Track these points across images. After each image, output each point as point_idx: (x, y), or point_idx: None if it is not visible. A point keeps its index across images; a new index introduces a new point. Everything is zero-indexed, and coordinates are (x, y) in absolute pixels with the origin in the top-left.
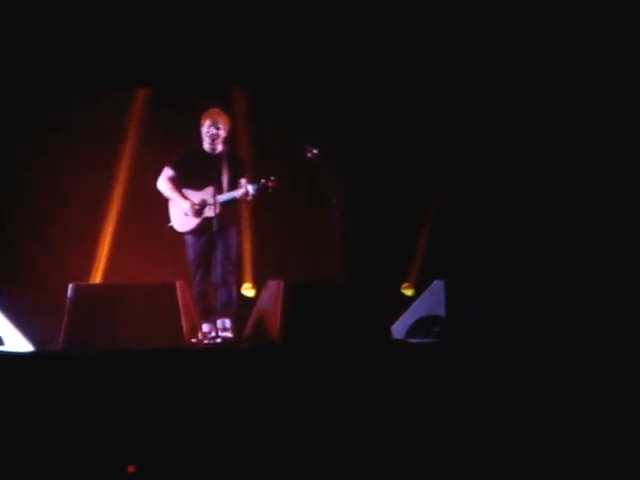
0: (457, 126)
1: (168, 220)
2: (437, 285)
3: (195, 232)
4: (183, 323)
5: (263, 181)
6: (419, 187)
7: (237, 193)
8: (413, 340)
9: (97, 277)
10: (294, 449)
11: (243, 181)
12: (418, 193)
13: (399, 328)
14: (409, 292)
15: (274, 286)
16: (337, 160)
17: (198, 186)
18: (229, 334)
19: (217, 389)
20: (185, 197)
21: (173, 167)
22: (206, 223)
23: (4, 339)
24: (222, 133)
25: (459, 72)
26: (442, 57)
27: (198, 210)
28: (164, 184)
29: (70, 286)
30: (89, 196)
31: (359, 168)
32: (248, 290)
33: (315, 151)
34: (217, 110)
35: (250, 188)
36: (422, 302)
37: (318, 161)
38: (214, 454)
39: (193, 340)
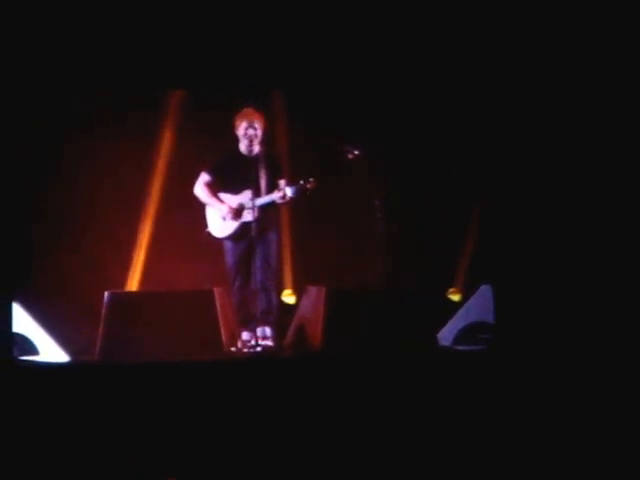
0: (505, 125)
1: (205, 226)
2: (484, 290)
3: (234, 237)
4: (222, 331)
5: (302, 183)
6: (465, 189)
7: (275, 196)
8: (460, 347)
9: (133, 285)
10: (340, 458)
11: (282, 183)
12: (464, 195)
13: (446, 335)
14: (456, 297)
15: (315, 292)
16: (379, 161)
17: (236, 190)
18: (269, 342)
19: (258, 400)
20: (222, 202)
21: (209, 172)
22: (245, 228)
23: (40, 349)
24: (259, 133)
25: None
26: (486, 58)
27: (235, 214)
28: (201, 189)
29: (106, 294)
30: (125, 203)
31: (402, 169)
32: (288, 297)
33: (356, 152)
34: (251, 110)
35: (288, 190)
36: (469, 308)
37: (359, 162)
38: (258, 466)
39: (232, 349)
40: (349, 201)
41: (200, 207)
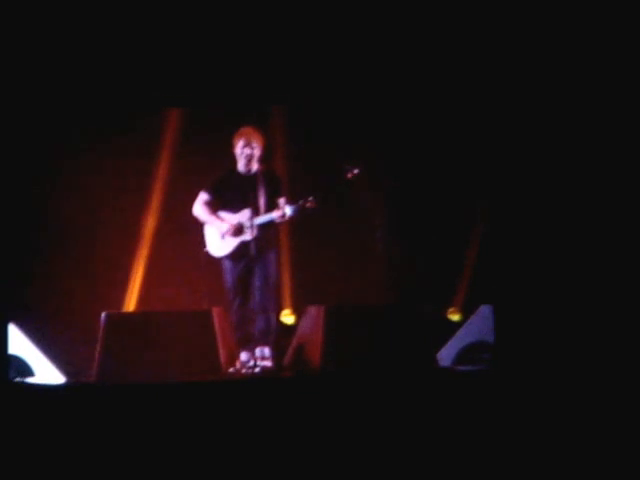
0: (506, 147)
1: (204, 245)
2: (484, 310)
3: (232, 256)
4: (220, 352)
5: (301, 202)
6: (465, 208)
7: (274, 215)
8: (461, 368)
9: (131, 305)
10: (341, 478)
11: (281, 201)
12: (464, 214)
13: (446, 355)
14: (455, 317)
15: (315, 312)
16: (379, 180)
17: (235, 209)
18: (268, 363)
19: (257, 421)
20: (221, 219)
21: (208, 191)
22: (243, 247)
23: (35, 370)
24: (257, 152)
25: (509, 93)
26: (491, 77)
27: (235, 232)
28: (200, 209)
29: (103, 315)
30: (122, 223)
31: (402, 188)
32: (288, 317)
33: (356, 171)
34: (249, 129)
35: (288, 209)
36: (469, 328)
37: (359, 181)
38: None
39: (231, 369)
40: (349, 220)
41: (198, 227)
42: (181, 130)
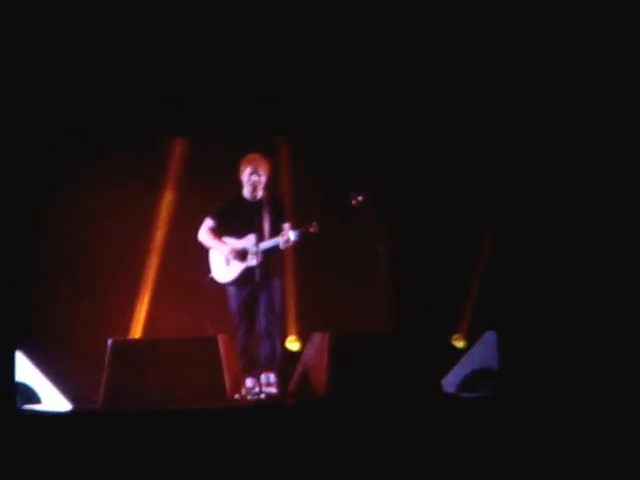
0: (509, 175)
1: (209, 271)
2: (489, 337)
3: (237, 282)
4: (226, 378)
5: (305, 226)
6: (470, 236)
7: (279, 240)
8: (465, 394)
9: (137, 332)
10: None
11: (285, 227)
12: (469, 242)
13: (450, 381)
14: (460, 344)
15: (319, 339)
16: (383, 208)
17: (239, 234)
18: (273, 389)
19: (261, 447)
20: (225, 244)
21: (213, 217)
22: (248, 273)
23: (42, 397)
24: (263, 179)
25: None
26: (491, 98)
27: (240, 255)
28: (205, 234)
29: (109, 342)
30: (127, 250)
31: (406, 216)
32: (293, 343)
33: (360, 198)
34: (256, 156)
35: (292, 234)
36: (474, 354)
37: (363, 208)
38: None
39: (236, 396)
40: (353, 247)
41: (203, 253)
42: (187, 156)
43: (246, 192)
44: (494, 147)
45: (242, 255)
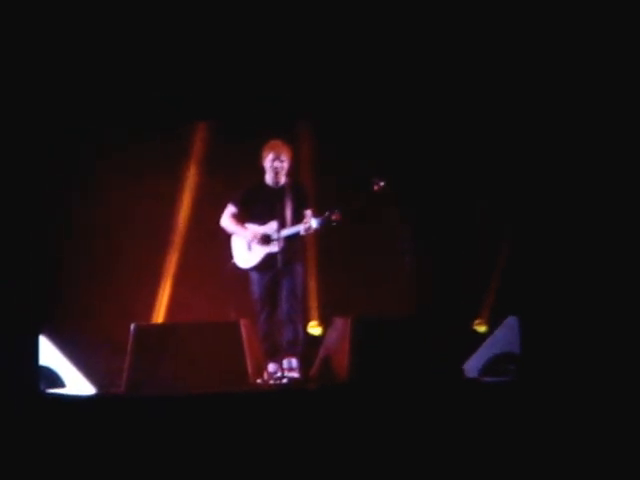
0: (530, 159)
1: (231, 257)
2: (511, 321)
3: (259, 268)
4: (248, 363)
5: (327, 214)
6: (492, 220)
7: (301, 227)
8: (487, 379)
9: (159, 317)
10: None
11: (307, 213)
12: (491, 226)
13: (472, 366)
14: (482, 329)
15: (341, 323)
16: (405, 193)
17: (262, 221)
18: (295, 374)
19: (284, 431)
20: (248, 229)
21: (236, 203)
22: (270, 259)
23: (66, 381)
24: (285, 165)
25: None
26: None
27: (262, 240)
28: (227, 221)
29: (132, 326)
30: (150, 235)
31: (428, 200)
32: (314, 328)
33: (382, 184)
34: (279, 142)
35: (314, 222)
36: (496, 339)
37: (385, 194)
38: None
39: (258, 380)
40: (375, 232)
41: (226, 239)
42: (209, 142)
43: (268, 178)
44: (516, 134)
45: (264, 240)
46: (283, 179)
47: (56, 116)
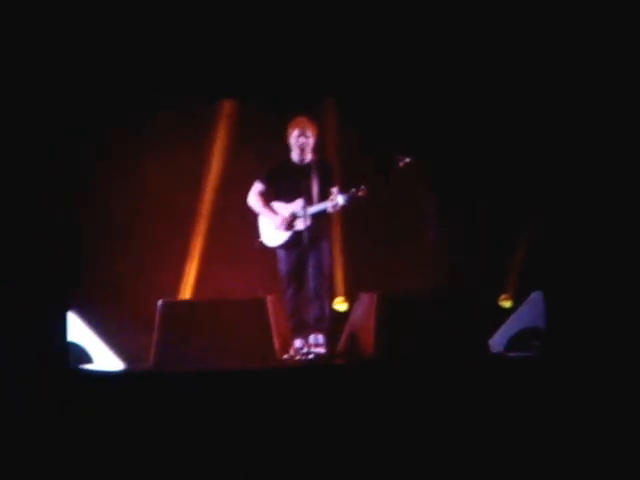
0: (559, 134)
1: (258, 235)
2: (536, 297)
3: (286, 246)
4: (275, 339)
5: (353, 190)
6: (518, 195)
7: (327, 204)
8: (512, 354)
9: (186, 293)
10: (393, 464)
11: (334, 190)
12: (517, 201)
13: (498, 341)
14: (507, 304)
15: (367, 300)
16: (431, 168)
17: (288, 198)
18: (322, 350)
19: (310, 407)
20: (275, 212)
21: (262, 181)
22: (297, 236)
23: (94, 357)
24: (311, 141)
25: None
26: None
27: (288, 225)
28: (254, 199)
29: (159, 303)
30: (177, 212)
31: (454, 176)
32: (340, 304)
33: (407, 160)
34: (304, 119)
35: (340, 198)
36: (521, 314)
37: (411, 170)
38: (312, 474)
39: (285, 356)
40: (400, 208)
41: (253, 216)
42: (236, 120)
43: (294, 155)
44: (541, 111)
45: (291, 223)
46: (309, 156)
47: (78, 95)
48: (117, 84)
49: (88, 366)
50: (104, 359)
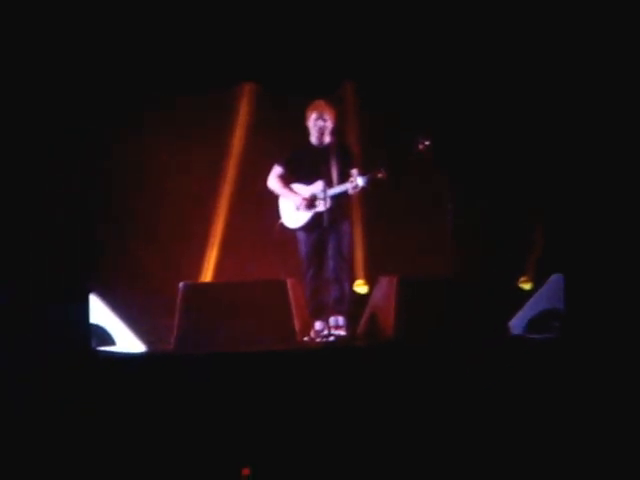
0: (578, 119)
1: (278, 217)
2: (556, 279)
3: (306, 228)
4: (295, 321)
5: (373, 172)
6: (536, 176)
7: (347, 186)
8: (532, 336)
9: (207, 276)
10: (413, 448)
11: (354, 172)
12: (535, 183)
13: (517, 323)
14: (527, 286)
15: (387, 282)
16: (450, 150)
17: (308, 181)
18: (342, 332)
19: (330, 389)
20: (295, 193)
21: (282, 164)
22: (317, 218)
23: (117, 339)
24: (329, 124)
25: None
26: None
27: (309, 204)
28: (274, 182)
29: (181, 285)
30: (198, 194)
31: (472, 158)
32: (360, 287)
33: (427, 142)
34: (322, 102)
35: (360, 180)
36: (541, 296)
37: (430, 152)
38: (331, 456)
39: (305, 338)
40: (420, 191)
41: (273, 199)
42: (255, 104)
43: (313, 138)
44: (563, 99)
45: (311, 203)
46: (327, 138)
47: (96, 82)
48: (134, 68)
49: (111, 348)
50: (126, 341)
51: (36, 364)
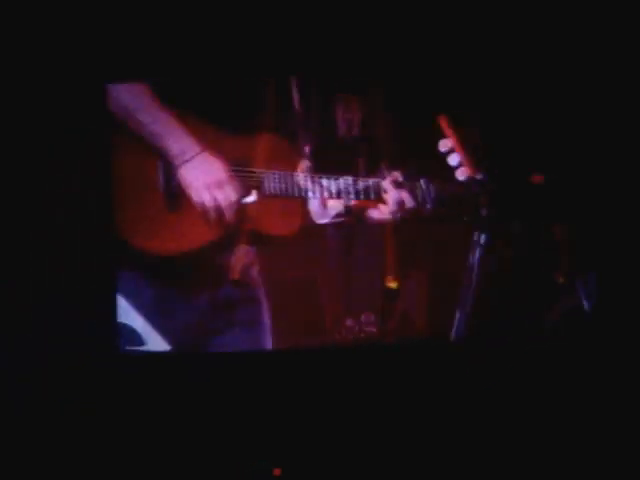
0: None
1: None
2: (587, 276)
3: (335, 223)
4: (326, 318)
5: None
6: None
7: (376, 180)
8: (562, 332)
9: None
10: (446, 447)
11: (382, 166)
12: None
13: (548, 319)
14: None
15: (418, 278)
16: (479, 150)
17: (335, 174)
18: (373, 329)
19: (362, 386)
20: (322, 187)
21: (309, 158)
22: (346, 213)
23: (145, 339)
24: (356, 117)
25: None
26: None
27: (337, 198)
28: (301, 176)
29: None
30: None
31: (502, 152)
32: (391, 282)
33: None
34: (349, 95)
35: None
36: (572, 293)
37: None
38: (365, 456)
39: (336, 335)
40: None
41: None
42: (282, 97)
43: (340, 131)
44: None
45: (338, 197)
46: (355, 131)
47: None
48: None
49: (139, 347)
50: (154, 341)
51: (63, 364)
